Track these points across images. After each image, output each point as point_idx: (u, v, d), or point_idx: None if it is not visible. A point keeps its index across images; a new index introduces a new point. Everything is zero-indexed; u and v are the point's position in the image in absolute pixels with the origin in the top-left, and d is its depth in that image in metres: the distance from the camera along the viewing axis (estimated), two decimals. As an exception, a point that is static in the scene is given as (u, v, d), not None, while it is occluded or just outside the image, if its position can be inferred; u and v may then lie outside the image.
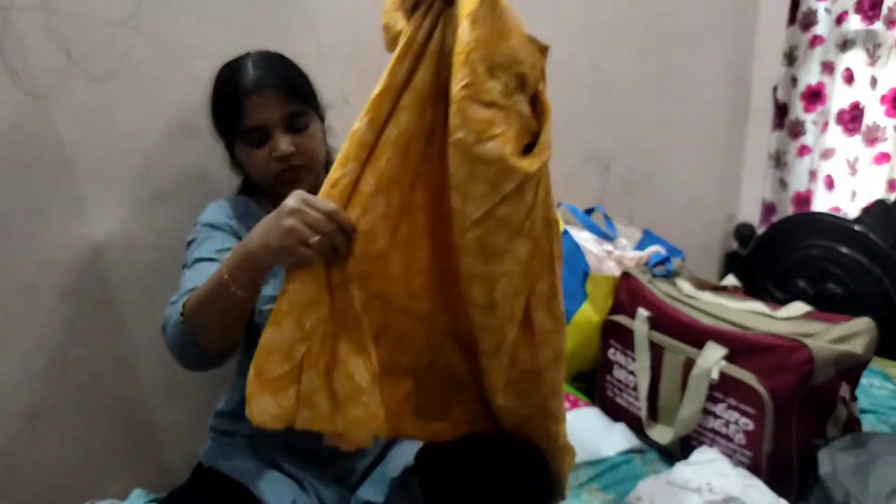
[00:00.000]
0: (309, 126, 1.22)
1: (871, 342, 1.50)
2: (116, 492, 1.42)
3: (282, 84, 1.18)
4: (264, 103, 1.16)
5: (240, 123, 1.17)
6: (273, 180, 1.21)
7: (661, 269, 1.92)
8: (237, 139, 1.21)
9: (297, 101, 1.20)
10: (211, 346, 1.06)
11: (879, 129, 2.45)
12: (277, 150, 1.17)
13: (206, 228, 1.22)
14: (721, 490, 1.32)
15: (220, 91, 1.22)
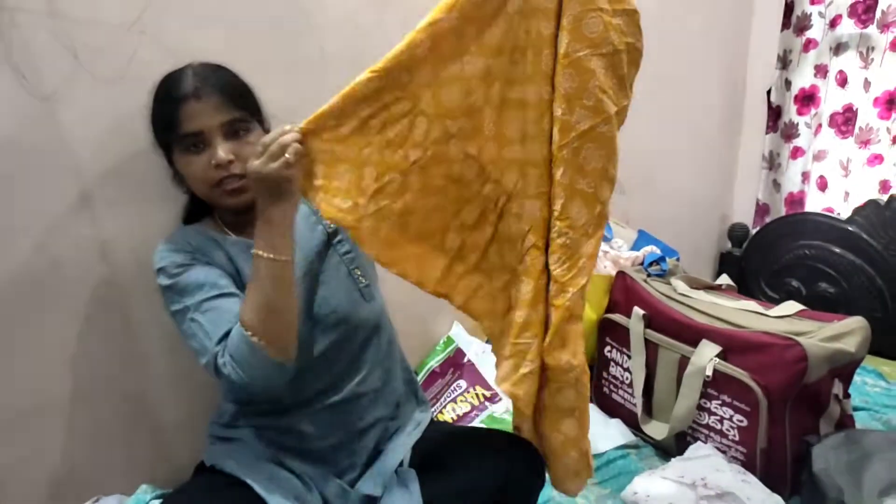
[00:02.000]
0: (250, 133, 1.19)
1: (863, 340, 1.52)
2: (123, 487, 1.43)
3: (221, 90, 1.16)
4: (203, 109, 1.13)
5: (177, 129, 1.14)
6: (213, 190, 1.17)
7: (657, 268, 1.94)
8: (175, 146, 1.17)
9: (236, 108, 1.17)
10: (285, 346, 1.09)
11: (872, 132, 2.47)
12: (215, 157, 1.13)
13: (178, 271, 1.18)
14: (715, 485, 1.34)
15: (159, 97, 1.19)
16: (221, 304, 1.13)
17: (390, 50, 1.17)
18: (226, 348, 1.08)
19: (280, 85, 1.58)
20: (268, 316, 1.06)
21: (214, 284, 1.15)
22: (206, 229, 1.26)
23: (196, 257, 1.19)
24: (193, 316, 1.13)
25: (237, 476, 1.16)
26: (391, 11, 1.77)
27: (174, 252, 1.20)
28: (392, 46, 1.68)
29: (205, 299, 1.13)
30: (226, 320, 1.10)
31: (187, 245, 1.21)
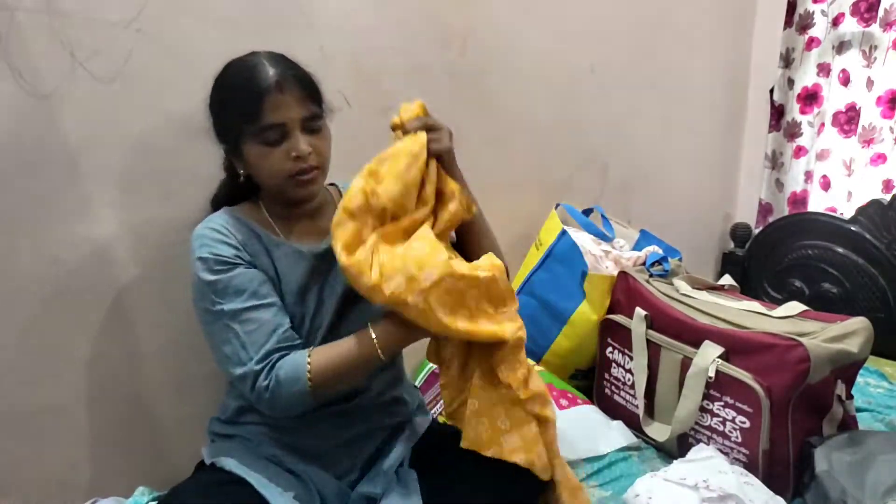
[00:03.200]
0: (323, 129, 1.22)
1: (866, 341, 1.51)
2: (120, 489, 1.43)
3: (301, 84, 1.17)
4: (286, 102, 1.14)
5: (257, 121, 1.14)
6: (287, 181, 1.18)
7: (659, 268, 1.93)
8: (249, 137, 1.16)
9: (314, 102, 1.19)
10: (321, 401, 1.17)
11: (875, 131, 2.46)
12: (297, 149, 1.15)
13: (221, 269, 1.17)
14: (718, 487, 1.33)
15: (235, 87, 1.17)
16: (261, 316, 1.15)
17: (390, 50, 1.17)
18: (273, 371, 1.12)
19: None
20: (338, 383, 1.16)
21: (255, 293, 1.16)
22: (250, 220, 1.25)
23: (240, 255, 1.19)
24: (229, 323, 1.14)
25: (237, 474, 1.16)
26: (390, 9, 1.76)
27: (219, 244, 1.18)
28: (391, 45, 1.68)
29: (244, 308, 1.14)
30: (264, 334, 1.13)
31: (232, 237, 1.20)
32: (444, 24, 1.90)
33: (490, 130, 2.09)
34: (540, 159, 2.26)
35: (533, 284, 2.02)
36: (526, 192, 2.23)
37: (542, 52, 2.15)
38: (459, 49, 1.95)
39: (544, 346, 1.97)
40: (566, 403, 1.74)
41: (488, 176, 2.12)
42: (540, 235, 2.08)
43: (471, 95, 2.01)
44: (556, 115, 2.25)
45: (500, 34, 2.03)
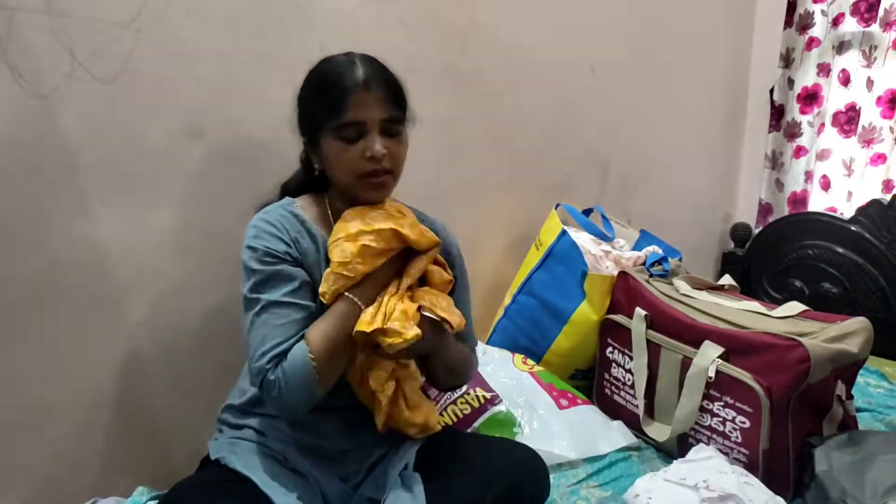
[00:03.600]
0: (401, 134, 1.23)
1: (866, 341, 1.51)
2: (120, 489, 1.43)
3: (388, 87, 1.19)
4: (369, 101, 1.16)
5: (339, 116, 1.16)
6: (357, 180, 1.20)
7: (659, 268, 1.93)
8: (329, 132, 1.18)
9: (397, 107, 1.21)
10: (333, 380, 1.17)
11: (875, 131, 2.46)
12: (372, 149, 1.16)
13: (270, 261, 1.18)
14: (718, 487, 1.33)
15: (325, 80, 1.20)
16: (291, 314, 1.16)
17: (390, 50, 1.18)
18: (280, 364, 1.12)
19: (279, 82, 1.57)
20: (334, 352, 1.14)
21: (294, 291, 1.17)
22: (307, 216, 1.26)
23: (290, 252, 1.20)
24: (260, 312, 1.15)
25: (241, 472, 1.16)
26: (390, 8, 1.77)
27: (272, 237, 1.20)
28: (390, 43, 1.68)
29: (279, 302, 1.16)
30: (287, 332, 1.14)
31: (286, 233, 1.21)
32: (444, 24, 1.90)
33: (490, 130, 2.09)
34: (540, 159, 2.26)
35: (533, 284, 2.02)
36: (526, 192, 2.23)
37: (542, 52, 2.15)
38: (460, 48, 1.95)
39: (544, 346, 1.97)
40: (566, 404, 1.74)
41: (488, 176, 2.13)
42: (540, 235, 2.08)
43: (471, 95, 2.01)
44: (556, 115, 2.25)
45: (500, 34, 2.03)
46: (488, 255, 2.19)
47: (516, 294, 2.06)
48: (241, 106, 1.54)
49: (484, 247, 2.17)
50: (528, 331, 2.00)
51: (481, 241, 2.15)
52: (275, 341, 1.13)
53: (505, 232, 2.23)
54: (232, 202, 1.53)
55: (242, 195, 1.55)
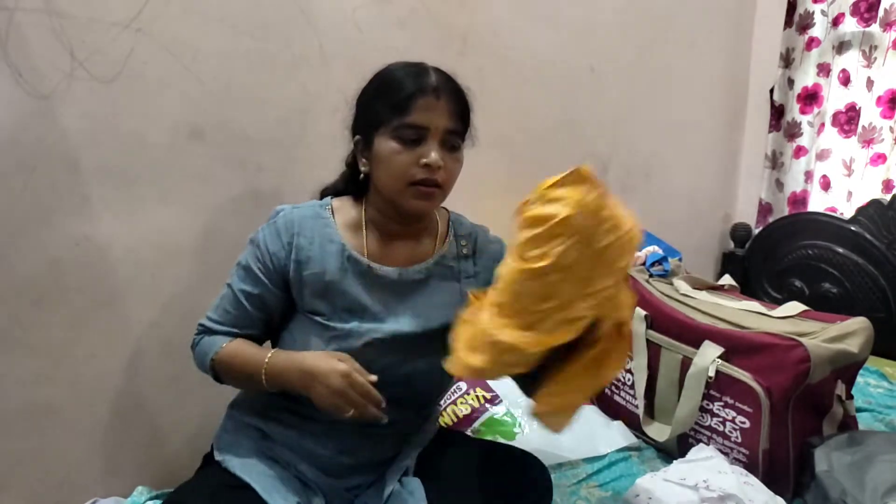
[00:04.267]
0: (460, 151, 1.20)
1: (866, 341, 1.51)
2: (120, 489, 1.43)
3: (457, 99, 1.17)
4: (438, 107, 1.14)
5: (405, 115, 1.12)
6: (406, 187, 1.15)
7: (659, 268, 1.93)
8: (387, 131, 1.14)
9: (462, 121, 1.18)
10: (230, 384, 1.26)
11: (875, 131, 2.46)
12: (428, 156, 1.12)
13: (256, 253, 1.21)
14: (718, 487, 1.33)
15: (394, 78, 1.17)
16: (240, 312, 1.22)
17: (390, 50, 1.17)
18: (202, 336, 1.25)
19: (279, 83, 1.58)
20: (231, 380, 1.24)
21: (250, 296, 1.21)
22: (337, 219, 1.24)
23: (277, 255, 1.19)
24: (228, 286, 1.24)
25: (241, 478, 1.15)
26: (390, 9, 1.76)
27: (274, 233, 1.21)
28: (391, 44, 1.68)
29: (236, 293, 1.22)
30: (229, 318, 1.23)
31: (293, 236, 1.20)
32: (444, 24, 1.90)
33: (490, 130, 2.08)
34: (540, 159, 2.25)
35: (533, 284, 2.02)
36: (526, 193, 2.22)
37: (542, 52, 2.15)
38: (459, 49, 1.95)
39: (544, 347, 1.96)
40: (566, 403, 1.74)
41: (488, 176, 2.12)
42: (540, 235, 2.07)
43: (471, 95, 2.00)
44: (556, 115, 2.25)
45: (500, 34, 2.03)
46: (488, 255, 2.19)
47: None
48: (241, 106, 1.54)
49: (484, 247, 2.17)
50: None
51: (481, 241, 2.15)
52: (214, 315, 1.24)
53: (505, 232, 2.21)
54: (232, 202, 1.53)
55: (242, 195, 1.55)
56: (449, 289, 1.27)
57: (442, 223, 1.32)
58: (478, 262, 1.31)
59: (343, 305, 1.19)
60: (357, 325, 1.18)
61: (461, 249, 1.30)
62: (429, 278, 1.25)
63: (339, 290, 1.19)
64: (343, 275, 1.19)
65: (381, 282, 1.21)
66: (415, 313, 1.22)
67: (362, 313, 1.20)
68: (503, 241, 1.36)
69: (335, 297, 1.19)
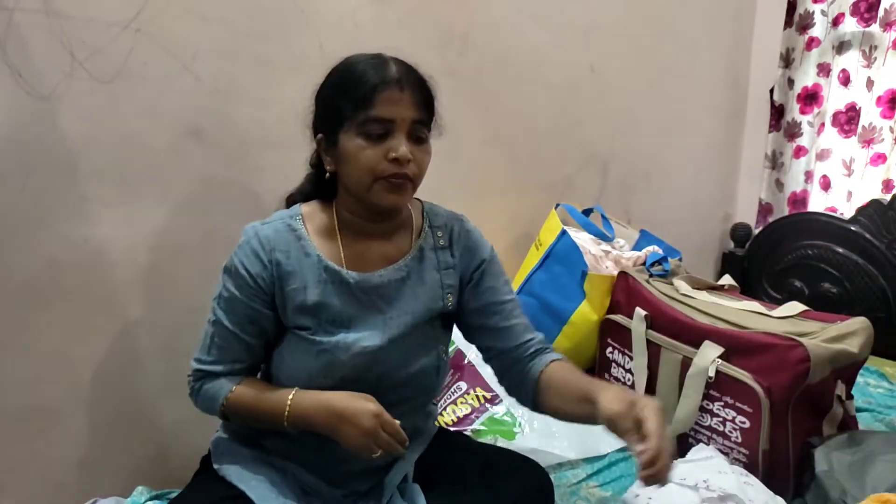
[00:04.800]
0: (427, 142, 1.16)
1: (866, 341, 1.51)
2: (119, 489, 1.43)
3: (421, 88, 1.13)
4: (402, 99, 1.09)
5: (367, 110, 1.08)
6: (375, 182, 1.11)
7: (659, 268, 1.93)
8: (352, 128, 1.10)
9: (427, 111, 1.15)
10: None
11: (875, 131, 2.46)
12: (398, 150, 1.08)
13: (238, 283, 1.15)
14: (718, 487, 1.33)
15: (354, 72, 1.11)
16: (232, 345, 1.18)
17: (389, 50, 1.16)
18: (202, 382, 1.19)
19: (279, 83, 1.58)
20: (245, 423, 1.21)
21: (244, 328, 1.17)
22: (309, 227, 1.20)
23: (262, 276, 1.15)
24: (213, 324, 1.18)
25: (238, 487, 1.14)
26: (390, 9, 1.77)
27: (252, 255, 1.15)
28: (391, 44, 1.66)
29: (226, 327, 1.16)
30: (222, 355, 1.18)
31: (270, 252, 1.15)
32: (444, 24, 1.90)
33: (490, 130, 2.09)
34: (540, 159, 2.26)
35: (533, 284, 2.02)
36: (526, 192, 2.23)
37: (542, 52, 2.15)
38: (459, 49, 1.95)
39: (544, 347, 1.97)
40: (566, 403, 1.74)
41: (488, 176, 2.13)
42: (540, 235, 2.08)
43: (471, 95, 2.01)
44: (556, 115, 2.25)
45: (500, 34, 2.03)
46: (488, 256, 2.19)
47: (516, 294, 2.05)
48: (241, 106, 1.54)
49: (484, 247, 2.17)
50: (528, 331, 2.00)
51: (481, 241, 2.15)
52: (209, 357, 1.18)
53: (505, 232, 2.23)
54: (231, 202, 1.53)
55: (242, 195, 1.55)
56: (430, 280, 1.24)
57: (416, 215, 1.29)
58: (455, 252, 1.28)
59: (327, 318, 1.16)
60: (344, 337, 1.15)
61: (438, 241, 1.27)
62: (409, 274, 1.22)
63: (321, 304, 1.16)
64: (323, 287, 1.16)
65: (362, 288, 1.18)
66: (401, 312, 1.20)
67: (348, 323, 1.17)
68: (479, 230, 1.34)
69: (318, 311, 1.16)
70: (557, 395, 1.20)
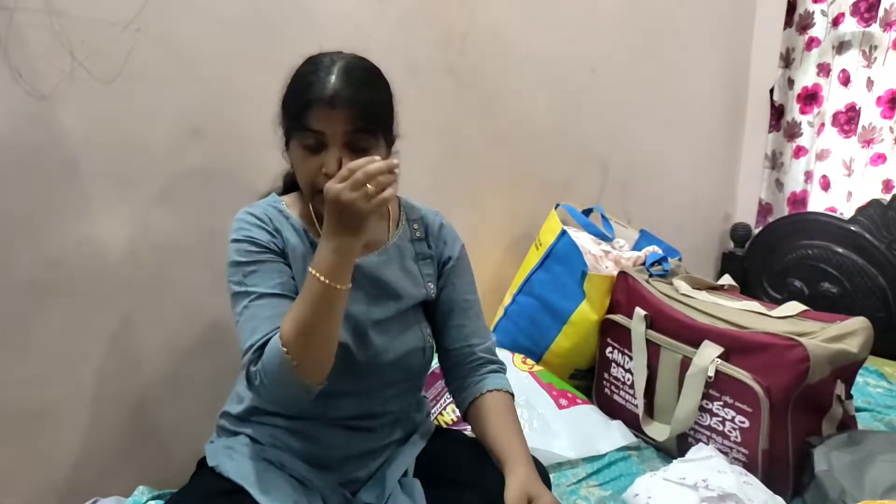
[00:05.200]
0: (370, 150, 1.12)
1: (866, 341, 1.51)
2: (120, 489, 1.43)
3: (358, 103, 1.10)
4: (333, 116, 1.09)
5: (301, 122, 1.11)
6: (315, 195, 1.13)
7: (658, 268, 1.93)
8: (294, 137, 1.14)
9: (368, 120, 1.12)
10: (320, 369, 1.07)
11: (875, 131, 2.46)
12: (327, 164, 1.10)
13: (255, 251, 1.15)
14: (717, 487, 1.33)
15: (297, 85, 1.15)
16: (279, 303, 1.11)
17: (390, 50, 1.16)
18: (260, 359, 1.06)
19: (279, 83, 1.57)
20: (310, 338, 1.04)
21: (282, 283, 1.14)
22: (293, 212, 1.23)
23: (275, 242, 1.17)
24: (249, 304, 1.11)
25: (237, 482, 1.15)
26: (390, 9, 1.77)
27: (254, 227, 1.16)
28: (390, 44, 1.68)
29: (266, 294, 1.12)
30: (270, 323, 1.08)
31: (270, 224, 1.18)
32: (444, 24, 1.90)
33: (490, 130, 2.09)
34: (540, 159, 2.26)
35: (533, 284, 2.02)
36: (526, 192, 2.23)
37: (542, 52, 2.15)
38: (459, 49, 1.95)
39: (544, 346, 1.97)
40: (566, 403, 1.74)
41: (488, 176, 2.13)
42: (540, 235, 2.08)
43: (471, 95, 2.01)
44: (556, 114, 2.25)
45: (500, 34, 2.03)
46: (488, 255, 2.19)
47: (516, 294, 2.06)
48: (241, 106, 1.54)
49: (484, 247, 2.17)
50: (528, 331, 2.00)
51: (481, 241, 2.15)
52: (262, 333, 1.08)
53: (505, 232, 2.23)
54: (232, 202, 1.52)
55: (242, 195, 1.54)
56: (410, 269, 1.28)
57: (393, 208, 1.32)
58: (431, 244, 1.32)
59: None
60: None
61: (414, 233, 1.31)
62: (390, 262, 1.25)
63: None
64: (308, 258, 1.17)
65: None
66: (385, 297, 1.23)
67: None
68: (452, 226, 1.37)
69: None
70: (479, 430, 1.25)
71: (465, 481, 1.21)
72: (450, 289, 1.32)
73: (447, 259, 1.33)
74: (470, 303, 1.33)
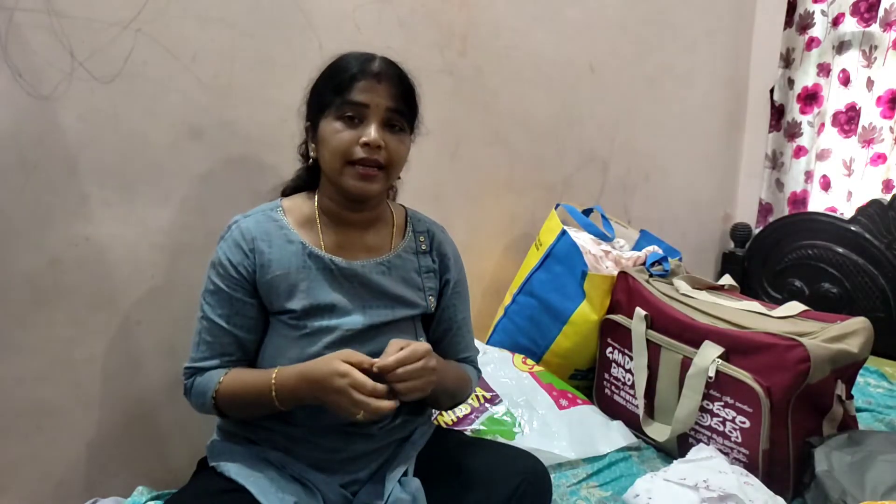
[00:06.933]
0: (405, 132, 1.21)
1: (866, 341, 1.51)
2: (120, 489, 1.43)
3: (400, 83, 1.19)
4: (378, 89, 1.16)
5: (344, 94, 1.15)
6: (346, 167, 1.17)
7: (659, 268, 1.93)
8: (331, 112, 1.17)
9: (405, 103, 1.20)
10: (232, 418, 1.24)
11: (875, 131, 2.46)
12: (369, 135, 1.14)
13: (220, 274, 1.19)
14: (718, 487, 1.33)
15: (340, 64, 1.20)
16: (221, 338, 1.20)
17: (390, 50, 1.18)
18: (194, 378, 1.21)
19: (279, 83, 1.58)
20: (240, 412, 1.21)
21: (230, 317, 1.19)
22: (290, 219, 1.24)
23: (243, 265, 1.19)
24: (200, 319, 1.21)
25: (237, 481, 1.15)
26: (390, 9, 1.77)
27: (233, 246, 1.20)
28: (391, 44, 1.67)
29: (213, 321, 1.19)
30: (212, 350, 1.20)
31: (251, 242, 1.20)
32: (444, 25, 1.90)
33: (490, 130, 2.09)
34: (540, 159, 2.26)
35: (533, 284, 2.02)
36: (526, 192, 2.23)
37: (542, 51, 2.15)
38: (459, 49, 1.95)
39: (544, 346, 1.97)
40: (566, 403, 1.74)
41: (488, 176, 2.13)
42: (540, 235, 2.08)
43: (471, 95, 2.01)
44: (556, 114, 2.25)
45: (500, 34, 2.03)
46: (488, 256, 2.19)
47: (516, 294, 2.06)
48: (241, 106, 1.54)
49: (484, 247, 2.17)
50: (528, 331, 2.00)
51: (481, 241, 2.15)
52: (199, 355, 1.21)
53: (505, 232, 2.23)
54: (232, 202, 1.53)
55: (242, 195, 1.55)
56: (411, 281, 1.30)
57: (399, 217, 1.35)
58: (435, 258, 1.34)
59: (310, 303, 1.19)
60: (326, 322, 1.19)
61: (420, 245, 1.33)
62: (391, 270, 1.27)
63: (304, 289, 1.20)
64: (307, 273, 1.20)
65: (344, 275, 1.22)
66: (382, 304, 1.25)
67: (330, 309, 1.20)
68: (454, 243, 1.41)
69: (301, 296, 1.19)
70: None
71: (466, 481, 1.21)
72: (451, 310, 1.36)
73: (451, 280, 1.35)
74: (466, 320, 1.40)
